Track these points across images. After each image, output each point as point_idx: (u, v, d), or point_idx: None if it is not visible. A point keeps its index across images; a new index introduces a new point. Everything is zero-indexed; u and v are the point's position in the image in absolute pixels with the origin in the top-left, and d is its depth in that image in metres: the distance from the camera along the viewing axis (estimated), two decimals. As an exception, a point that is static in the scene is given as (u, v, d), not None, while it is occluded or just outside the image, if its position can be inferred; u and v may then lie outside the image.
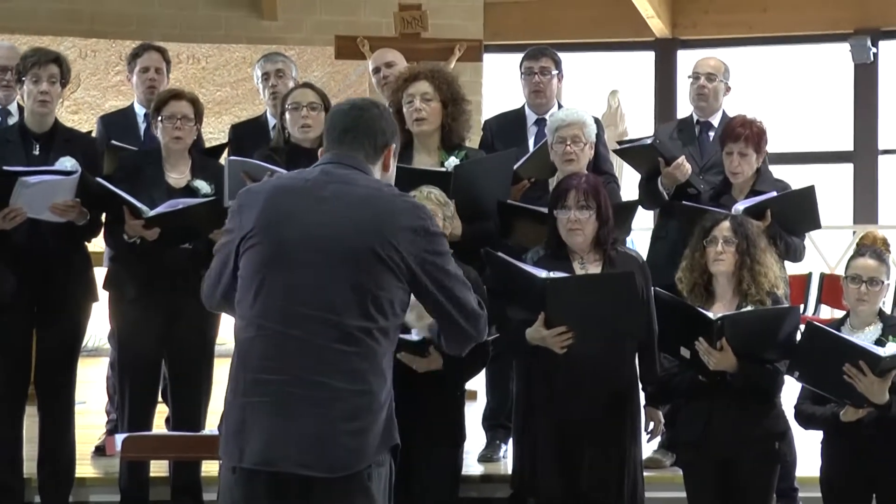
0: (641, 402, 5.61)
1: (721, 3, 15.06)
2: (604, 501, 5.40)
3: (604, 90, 14.61)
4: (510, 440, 6.14)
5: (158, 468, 6.24)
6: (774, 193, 6.24)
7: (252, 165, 5.97)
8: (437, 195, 5.45)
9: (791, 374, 5.32)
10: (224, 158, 6.51)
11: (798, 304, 9.02)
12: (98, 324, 6.58)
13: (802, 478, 6.11)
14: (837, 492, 5.45)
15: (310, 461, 3.75)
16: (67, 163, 5.93)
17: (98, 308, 6.29)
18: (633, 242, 8.58)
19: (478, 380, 6.39)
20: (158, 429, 6.38)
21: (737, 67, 7.03)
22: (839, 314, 6.40)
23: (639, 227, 7.76)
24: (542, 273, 5.25)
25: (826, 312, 12.29)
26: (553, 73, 6.81)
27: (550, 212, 5.53)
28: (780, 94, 14.71)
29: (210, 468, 5.97)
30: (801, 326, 5.39)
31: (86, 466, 6.55)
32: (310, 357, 3.78)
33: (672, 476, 6.16)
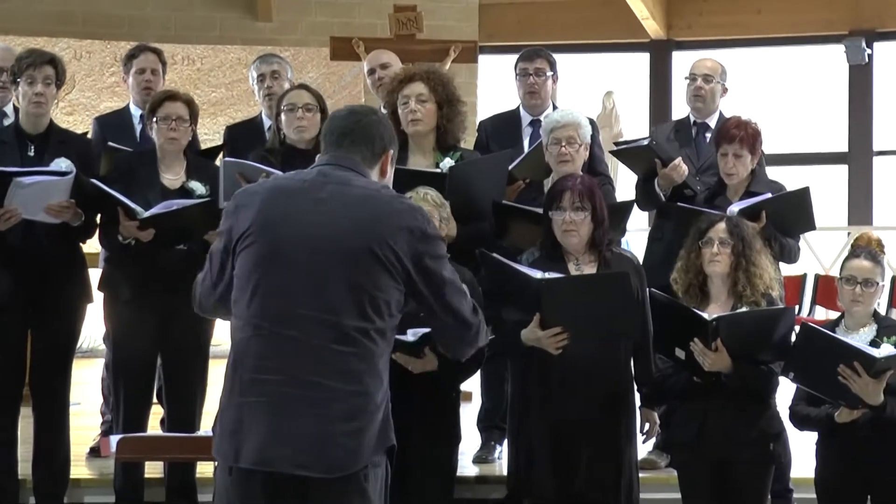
0: (637, 403, 5.62)
1: (716, 5, 15.08)
2: (600, 502, 5.40)
3: (599, 91, 14.62)
4: (505, 441, 6.14)
5: (153, 469, 6.23)
6: (769, 195, 6.24)
7: (247, 167, 5.97)
8: (434, 196, 5.46)
9: (786, 375, 5.32)
10: (220, 160, 6.50)
11: (793, 306, 9.01)
12: (93, 325, 6.58)
13: (797, 479, 6.11)
14: (832, 493, 5.45)
15: (306, 461, 3.74)
16: (62, 164, 5.93)
17: (93, 309, 6.28)
18: (628, 243, 8.59)
19: (473, 381, 6.39)
20: (153, 430, 6.37)
21: (732, 69, 7.03)
22: (834, 315, 6.42)
23: (634, 229, 7.77)
24: (538, 274, 5.25)
25: (821, 313, 12.32)
26: (548, 75, 6.81)
27: (545, 213, 5.53)
28: (775, 96, 14.72)
29: (205, 469, 5.96)
30: (796, 327, 5.39)
31: (80, 467, 6.55)
32: (307, 357, 3.78)
33: (667, 477, 6.16)
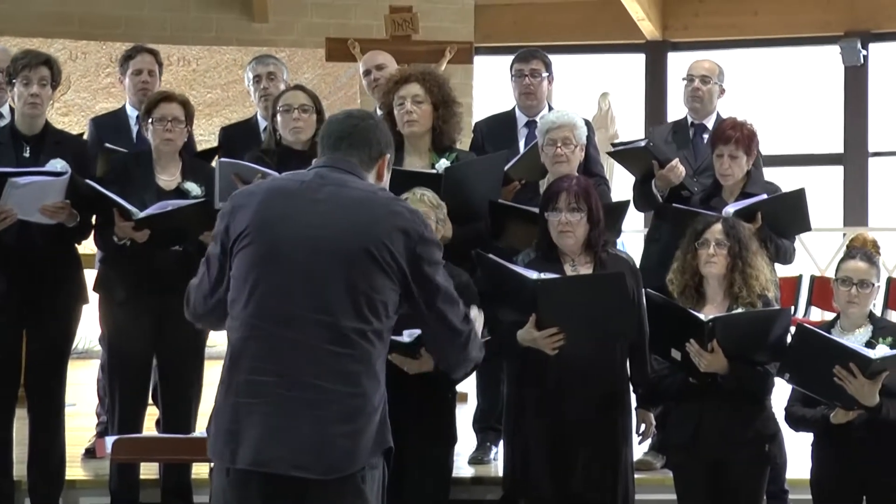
0: (633, 404, 5.62)
1: (711, 6, 15.08)
2: (596, 503, 5.40)
3: (594, 92, 14.62)
4: (501, 442, 6.13)
5: (149, 470, 6.23)
6: (765, 196, 6.24)
7: (243, 167, 5.97)
8: (430, 197, 5.46)
9: (781, 376, 5.32)
10: (216, 161, 6.50)
11: (788, 307, 9.01)
12: (88, 326, 6.57)
13: (793, 480, 6.10)
14: (828, 494, 5.45)
15: (304, 463, 3.74)
16: (58, 164, 5.92)
17: (88, 310, 6.28)
18: (624, 244, 8.58)
19: (468, 382, 6.39)
20: (149, 431, 6.36)
21: (727, 70, 7.03)
22: (829, 316, 6.40)
23: (630, 230, 7.76)
24: (533, 274, 5.25)
25: (816, 314, 12.30)
26: (543, 76, 6.80)
27: (541, 213, 5.53)
28: (771, 97, 14.72)
29: (200, 470, 5.97)
30: (792, 328, 5.39)
31: (76, 469, 6.54)
32: (304, 358, 3.77)
33: (662, 478, 6.17)
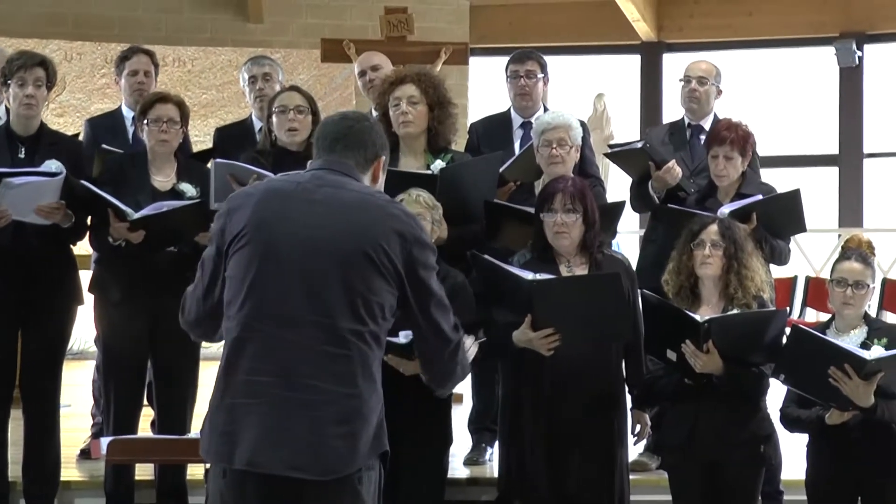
0: (628, 405, 5.62)
1: (707, 7, 15.08)
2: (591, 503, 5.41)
3: (590, 93, 14.60)
4: (496, 443, 6.13)
5: (144, 471, 6.22)
6: (760, 197, 6.24)
7: (238, 168, 5.96)
8: (426, 198, 5.46)
9: (776, 377, 5.32)
10: (211, 162, 6.50)
11: (784, 308, 9.01)
12: (83, 327, 6.56)
13: (788, 481, 6.11)
14: (823, 494, 5.46)
15: (301, 464, 3.73)
16: (52, 165, 5.91)
17: (83, 311, 6.27)
18: (619, 245, 8.59)
19: (464, 383, 6.38)
20: (144, 432, 6.36)
21: (723, 71, 7.03)
22: (824, 317, 6.41)
23: (625, 230, 7.76)
24: (529, 275, 5.25)
25: (811, 315, 12.30)
26: (539, 77, 6.81)
27: (537, 214, 5.53)
28: (766, 98, 14.72)
29: (196, 471, 5.96)
30: (787, 329, 5.39)
31: (71, 470, 6.53)
32: (301, 359, 3.77)
33: (658, 479, 6.17)
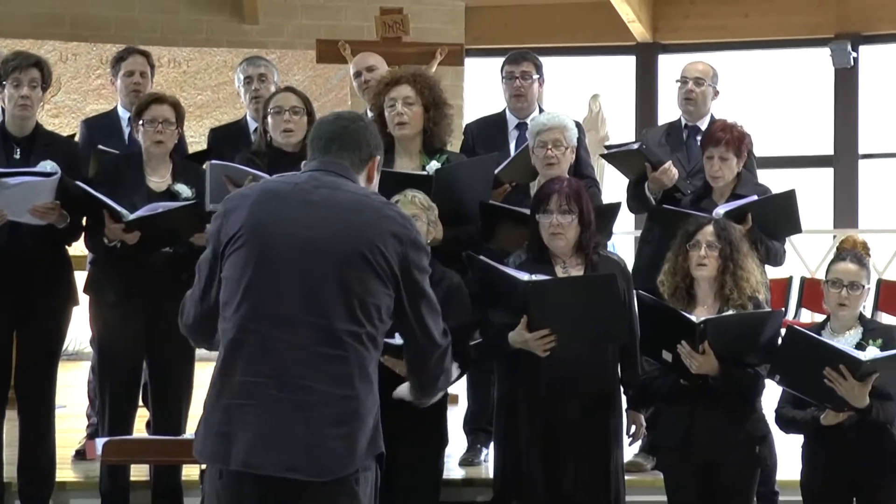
0: (623, 406, 5.62)
1: (702, 8, 15.07)
2: (587, 504, 5.41)
3: (585, 94, 14.60)
4: (491, 444, 6.13)
5: (139, 472, 6.22)
6: (755, 197, 6.24)
7: (233, 170, 5.95)
8: (422, 199, 5.46)
9: (772, 378, 5.33)
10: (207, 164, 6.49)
11: (779, 309, 9.01)
12: (79, 327, 6.56)
13: (783, 481, 6.11)
14: (818, 495, 5.46)
15: (296, 464, 3.73)
16: (47, 165, 5.91)
17: (79, 312, 6.27)
18: (615, 246, 8.59)
19: (459, 384, 6.37)
20: (139, 433, 6.35)
21: (718, 72, 7.03)
22: (820, 318, 6.41)
23: (620, 231, 7.76)
24: (525, 276, 5.25)
25: (806, 316, 12.31)
26: (534, 78, 6.81)
27: (532, 215, 5.53)
28: (761, 99, 14.71)
29: (191, 472, 5.95)
30: (782, 330, 5.39)
31: (66, 470, 6.53)
32: (298, 360, 3.77)
33: (653, 480, 6.17)
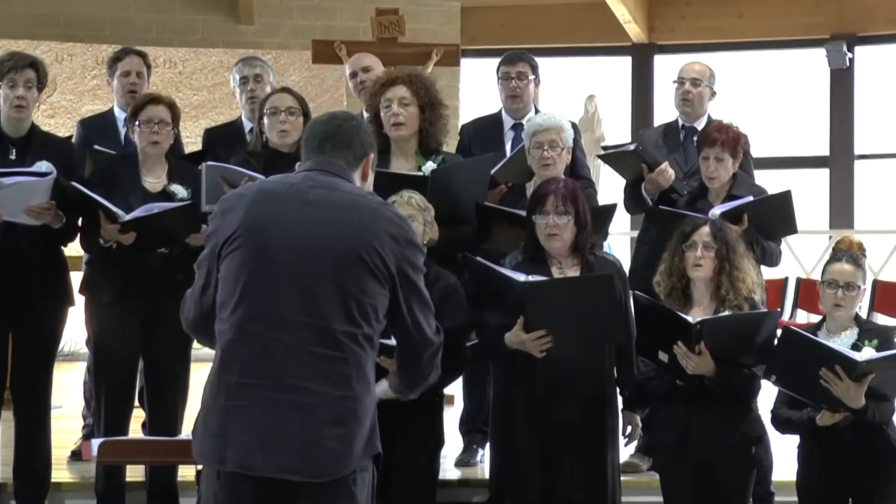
0: (620, 406, 5.62)
1: (698, 9, 15.09)
2: (583, 505, 5.41)
3: (581, 95, 14.61)
4: (487, 444, 6.13)
5: (135, 473, 6.21)
6: (751, 198, 6.24)
7: (230, 171, 5.95)
8: (418, 200, 5.46)
9: (768, 379, 5.33)
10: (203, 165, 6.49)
11: (775, 309, 9.02)
12: (74, 328, 6.55)
13: (779, 482, 6.11)
14: (813, 496, 5.46)
15: (296, 466, 3.74)
16: (42, 165, 5.90)
17: (74, 312, 6.26)
18: (611, 247, 8.59)
19: (455, 385, 6.39)
20: (135, 433, 6.35)
21: (715, 72, 7.03)
22: (815, 319, 6.41)
23: (617, 232, 7.76)
24: (521, 277, 5.25)
25: (802, 317, 12.32)
26: (530, 78, 6.81)
27: (529, 216, 5.53)
28: (757, 100, 14.72)
29: (186, 473, 5.95)
30: (778, 331, 5.40)
31: (62, 471, 6.52)
32: (295, 361, 3.77)
33: (649, 480, 6.17)
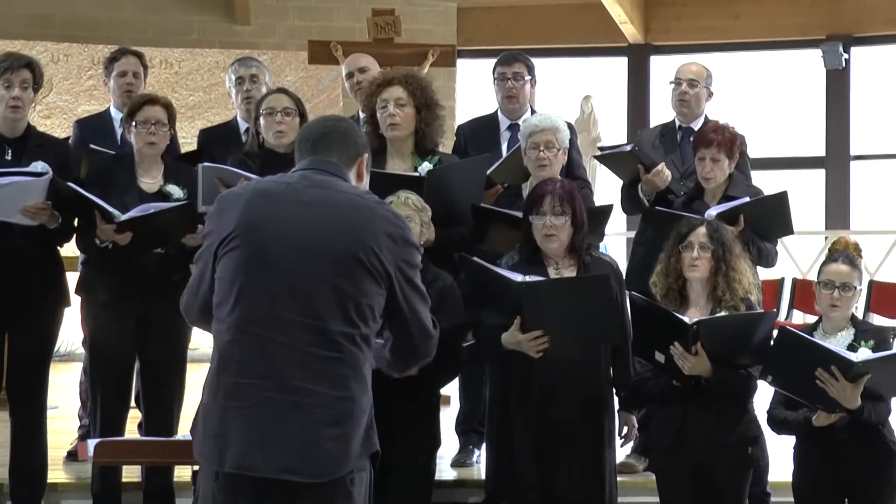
0: (616, 407, 5.62)
1: (694, 9, 15.09)
2: (580, 505, 5.41)
3: (577, 95, 14.61)
4: (483, 445, 6.13)
5: (131, 473, 6.21)
6: (747, 199, 6.25)
7: (226, 172, 5.95)
8: (415, 200, 5.46)
9: (764, 379, 5.33)
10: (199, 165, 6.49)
11: (771, 310, 9.02)
12: (71, 328, 6.55)
13: (775, 482, 6.12)
14: (809, 496, 5.46)
15: (294, 466, 3.74)
16: (38, 165, 5.90)
17: (71, 312, 6.26)
18: (607, 248, 8.60)
19: (451, 385, 6.39)
20: (131, 434, 6.35)
21: (712, 73, 7.03)
22: (812, 319, 6.41)
23: (613, 233, 7.75)
24: (518, 277, 5.25)
25: (798, 317, 12.33)
26: (526, 79, 6.81)
27: (525, 217, 5.53)
28: (753, 100, 14.73)
29: (182, 473, 5.95)
30: (774, 332, 5.40)
31: (58, 472, 6.52)
32: (293, 362, 3.77)
33: (645, 481, 6.17)
